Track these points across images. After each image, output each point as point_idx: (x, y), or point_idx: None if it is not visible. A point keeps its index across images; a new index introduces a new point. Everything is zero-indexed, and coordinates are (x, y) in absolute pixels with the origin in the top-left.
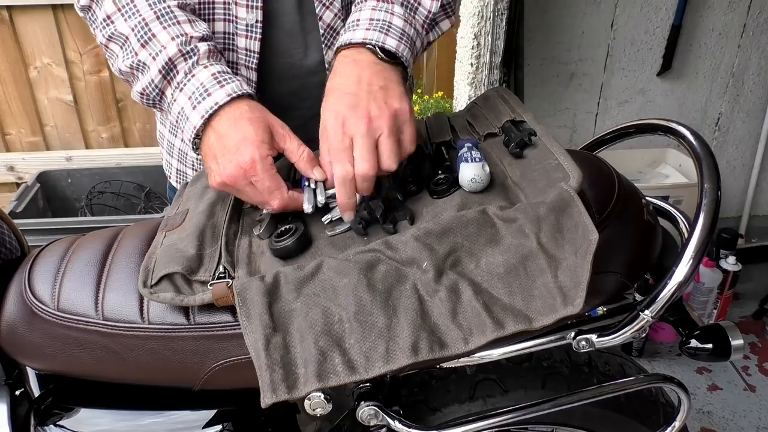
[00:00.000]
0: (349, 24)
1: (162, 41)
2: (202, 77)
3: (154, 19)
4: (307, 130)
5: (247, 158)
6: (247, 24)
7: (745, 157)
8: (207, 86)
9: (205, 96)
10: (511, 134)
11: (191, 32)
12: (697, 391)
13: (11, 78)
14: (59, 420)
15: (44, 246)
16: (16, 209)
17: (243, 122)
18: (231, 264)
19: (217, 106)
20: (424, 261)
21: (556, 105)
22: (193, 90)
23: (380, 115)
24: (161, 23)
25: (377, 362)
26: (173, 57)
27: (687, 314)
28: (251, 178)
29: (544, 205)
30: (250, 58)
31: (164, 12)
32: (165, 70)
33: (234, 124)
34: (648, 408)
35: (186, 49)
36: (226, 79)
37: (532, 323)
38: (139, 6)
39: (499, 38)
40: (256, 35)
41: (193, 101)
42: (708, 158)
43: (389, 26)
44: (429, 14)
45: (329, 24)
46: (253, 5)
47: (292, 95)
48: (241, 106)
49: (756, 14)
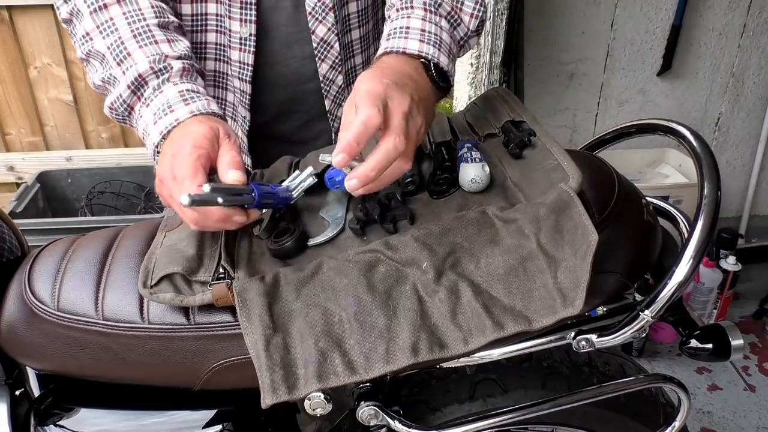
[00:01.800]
0: (397, 30)
1: (136, 59)
2: (169, 94)
3: (131, 37)
4: (305, 132)
5: (177, 148)
6: (241, 37)
7: (745, 157)
8: (171, 103)
9: (168, 112)
10: (510, 135)
11: (168, 52)
12: (697, 391)
13: (11, 78)
14: (59, 420)
15: (44, 246)
16: (16, 209)
17: (193, 124)
18: (231, 264)
19: (177, 122)
20: (424, 261)
21: (556, 105)
22: (158, 106)
23: (416, 116)
24: (137, 42)
25: (377, 363)
26: (144, 73)
27: (687, 314)
28: (173, 168)
29: (543, 206)
30: (243, 70)
31: (142, 31)
32: (134, 86)
33: (183, 128)
34: (648, 408)
35: (158, 66)
36: (193, 98)
37: (532, 324)
38: (117, 24)
39: (499, 38)
40: (250, 48)
41: (156, 117)
42: (708, 158)
43: (440, 42)
44: (468, 32)
45: (322, 38)
46: (247, 19)
47: (289, 102)
48: (195, 122)
49: (756, 14)
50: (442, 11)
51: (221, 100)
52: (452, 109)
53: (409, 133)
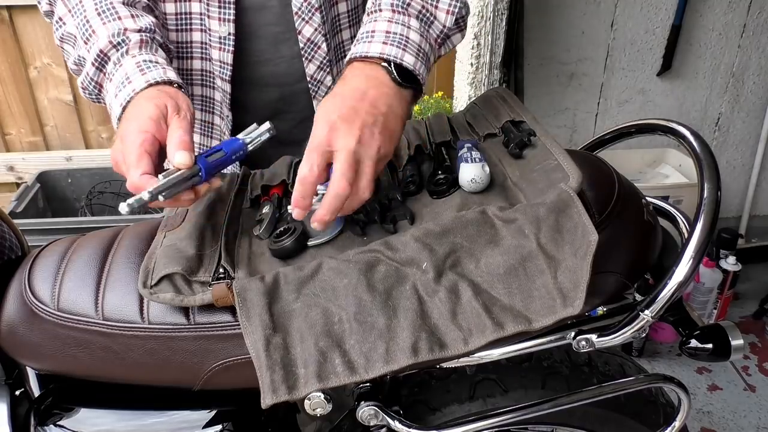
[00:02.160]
0: (363, 35)
1: (99, 35)
2: (128, 66)
3: (96, 15)
4: (300, 131)
5: (121, 129)
6: (220, 36)
7: (745, 157)
8: (129, 74)
9: (126, 84)
10: (510, 135)
11: (130, 26)
12: (697, 391)
13: (11, 78)
14: (59, 420)
15: (44, 246)
16: (16, 209)
17: (141, 101)
18: (231, 264)
19: (134, 93)
20: (424, 261)
21: (556, 105)
22: (119, 79)
23: (370, 143)
24: (101, 19)
25: (377, 363)
26: (104, 48)
27: (687, 314)
28: (123, 149)
29: (543, 206)
30: (223, 69)
31: (106, 8)
32: (98, 62)
33: (134, 105)
34: (648, 408)
35: (116, 40)
36: (149, 67)
37: (532, 324)
38: (85, 4)
39: (499, 38)
40: (228, 47)
41: (116, 90)
42: (708, 158)
43: (407, 41)
44: (444, 29)
45: (309, 38)
46: (226, 18)
47: (280, 101)
48: (152, 90)
49: (756, 14)
50: (411, 11)
51: (209, 99)
52: (452, 109)
53: (360, 168)
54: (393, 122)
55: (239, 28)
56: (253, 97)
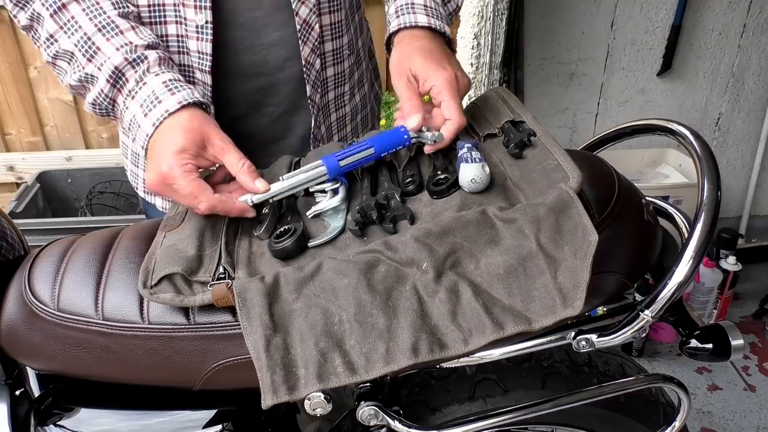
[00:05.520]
0: (402, 7)
1: (107, 53)
2: (154, 85)
3: (96, 32)
4: (279, 127)
5: (164, 167)
6: (197, 25)
7: (745, 157)
8: (158, 94)
9: (156, 104)
10: (510, 135)
11: (136, 40)
12: (697, 391)
13: (11, 78)
14: (59, 420)
15: (44, 246)
16: (16, 209)
17: (175, 131)
18: (231, 264)
19: (167, 114)
20: (424, 262)
21: (556, 105)
22: (144, 98)
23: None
24: (104, 35)
25: (377, 363)
26: (119, 66)
27: (687, 314)
28: (172, 185)
29: (543, 206)
30: (203, 60)
31: (105, 23)
32: (113, 79)
33: (167, 133)
34: (648, 408)
35: (132, 57)
36: (177, 87)
37: (532, 324)
38: (80, 21)
39: (499, 38)
40: (206, 37)
41: (145, 109)
42: (708, 158)
43: (441, 15)
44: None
45: (305, 19)
46: (202, 5)
47: (260, 92)
48: (183, 115)
49: (756, 14)
50: None
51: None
52: None
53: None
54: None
55: (217, 15)
56: (232, 90)
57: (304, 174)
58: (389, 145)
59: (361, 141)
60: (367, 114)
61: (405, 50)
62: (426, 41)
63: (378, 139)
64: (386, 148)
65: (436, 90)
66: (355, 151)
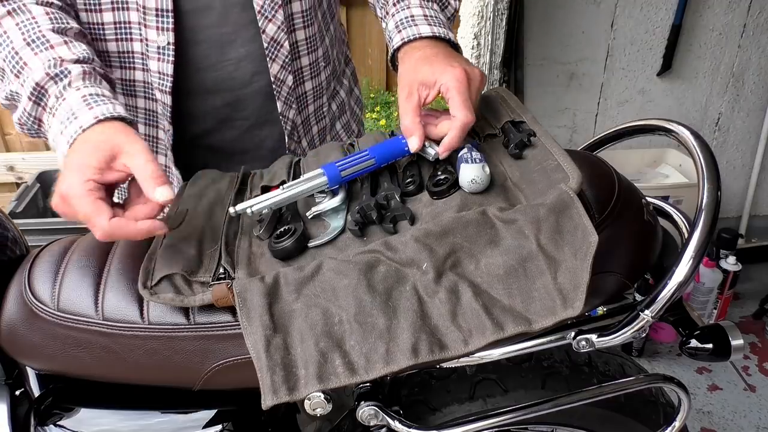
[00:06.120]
0: (402, 21)
1: (33, 68)
2: (72, 100)
3: (25, 46)
4: (248, 139)
5: (63, 186)
6: (159, 46)
7: (745, 157)
8: (75, 110)
9: (72, 120)
10: (510, 135)
11: (66, 55)
12: (697, 391)
13: None
14: (59, 420)
15: (44, 246)
16: (16, 209)
17: (84, 147)
18: (231, 264)
19: (81, 130)
20: (424, 262)
21: (556, 105)
22: (64, 114)
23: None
24: (32, 49)
25: (377, 363)
26: (40, 81)
27: (687, 314)
28: (72, 206)
29: (543, 207)
30: (163, 81)
31: (36, 37)
32: (35, 97)
33: (76, 150)
34: (648, 408)
35: (54, 71)
36: (97, 101)
37: (532, 325)
38: (11, 35)
39: (499, 38)
40: (168, 58)
41: (62, 126)
42: (708, 158)
43: (442, 22)
44: (454, 12)
45: (272, 37)
46: (164, 27)
47: (227, 107)
48: (97, 129)
49: (756, 14)
50: None
51: (152, 113)
52: None
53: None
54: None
55: (180, 34)
56: (197, 106)
57: (305, 185)
58: (390, 155)
59: (362, 151)
60: (348, 120)
61: (409, 63)
62: (429, 48)
63: (379, 149)
64: (387, 159)
65: (444, 88)
66: (356, 162)
